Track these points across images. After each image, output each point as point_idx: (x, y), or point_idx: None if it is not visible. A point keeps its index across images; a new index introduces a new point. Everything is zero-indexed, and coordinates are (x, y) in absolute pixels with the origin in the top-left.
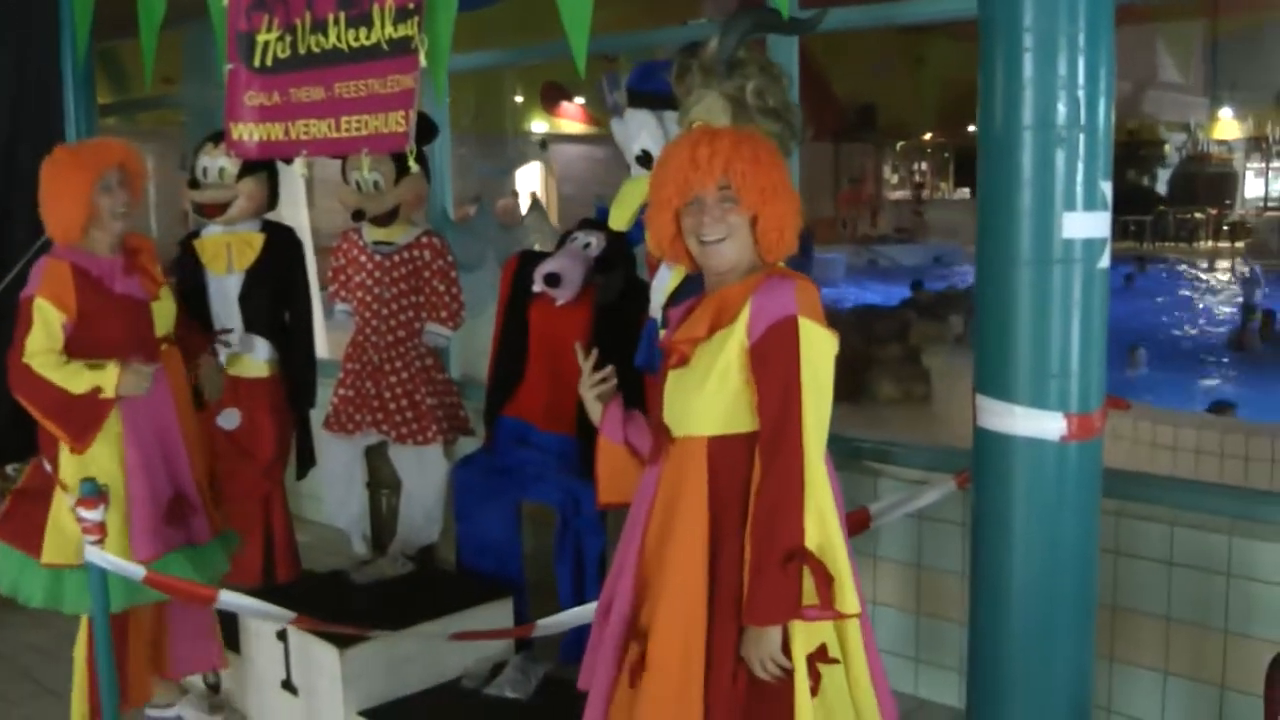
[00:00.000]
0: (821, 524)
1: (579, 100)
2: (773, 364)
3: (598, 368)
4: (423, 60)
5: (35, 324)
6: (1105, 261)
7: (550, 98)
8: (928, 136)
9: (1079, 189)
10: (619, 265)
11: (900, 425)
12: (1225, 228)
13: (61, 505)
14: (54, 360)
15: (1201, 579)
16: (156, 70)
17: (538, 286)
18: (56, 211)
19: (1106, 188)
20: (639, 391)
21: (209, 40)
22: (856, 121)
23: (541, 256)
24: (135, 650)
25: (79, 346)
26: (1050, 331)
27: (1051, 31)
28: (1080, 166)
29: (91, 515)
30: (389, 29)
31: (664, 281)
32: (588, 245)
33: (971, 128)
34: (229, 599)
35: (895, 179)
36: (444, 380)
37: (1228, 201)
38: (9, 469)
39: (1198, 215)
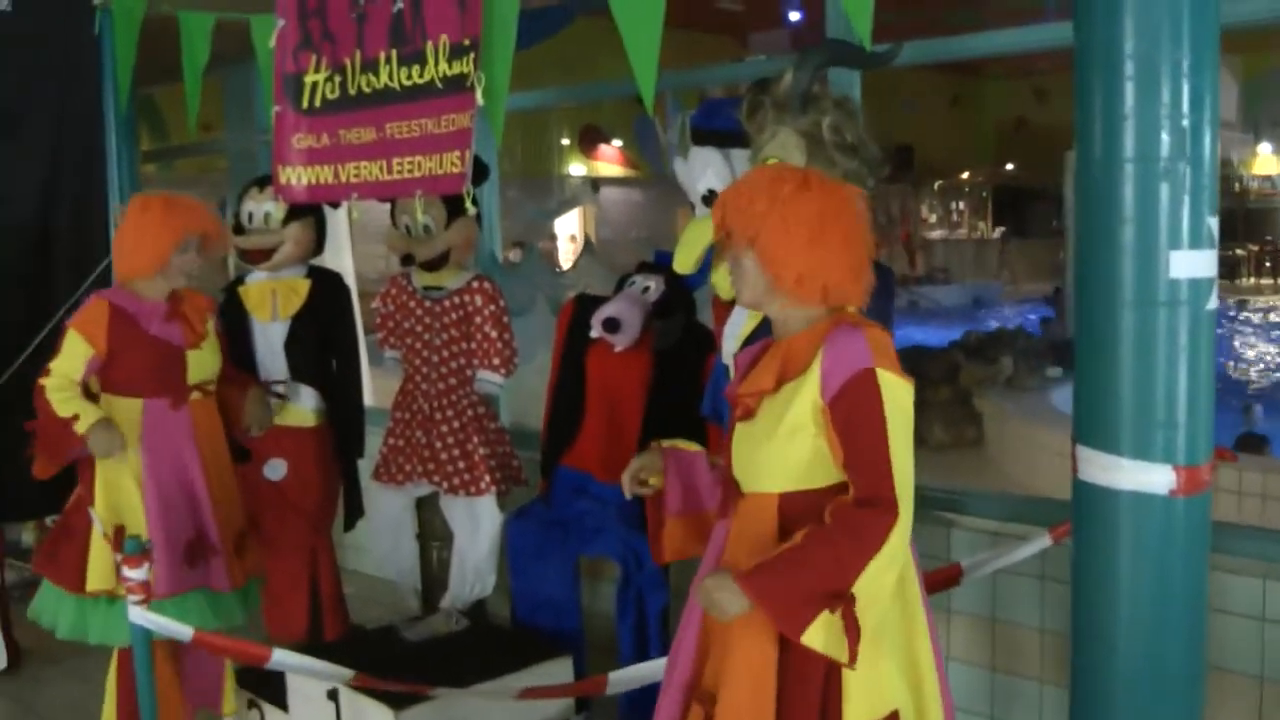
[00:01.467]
0: (878, 580)
1: (617, 143)
2: (857, 422)
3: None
4: (479, 98)
5: (62, 351)
6: (1213, 303)
7: (588, 140)
8: (965, 176)
9: (1185, 225)
10: (679, 310)
11: (952, 470)
12: (1267, 264)
13: (97, 537)
14: (60, 384)
15: None
16: (200, 116)
17: (596, 332)
18: (132, 256)
19: (1213, 223)
20: (702, 443)
21: (249, 85)
22: (895, 162)
23: (598, 301)
24: (161, 677)
25: (109, 380)
26: (1156, 378)
27: (1154, 58)
28: (1186, 201)
29: (136, 574)
30: (443, 66)
31: (738, 327)
32: (646, 289)
33: (1009, 165)
34: (282, 658)
35: (934, 219)
36: (497, 429)
37: (1269, 237)
38: (47, 521)
39: (1239, 252)
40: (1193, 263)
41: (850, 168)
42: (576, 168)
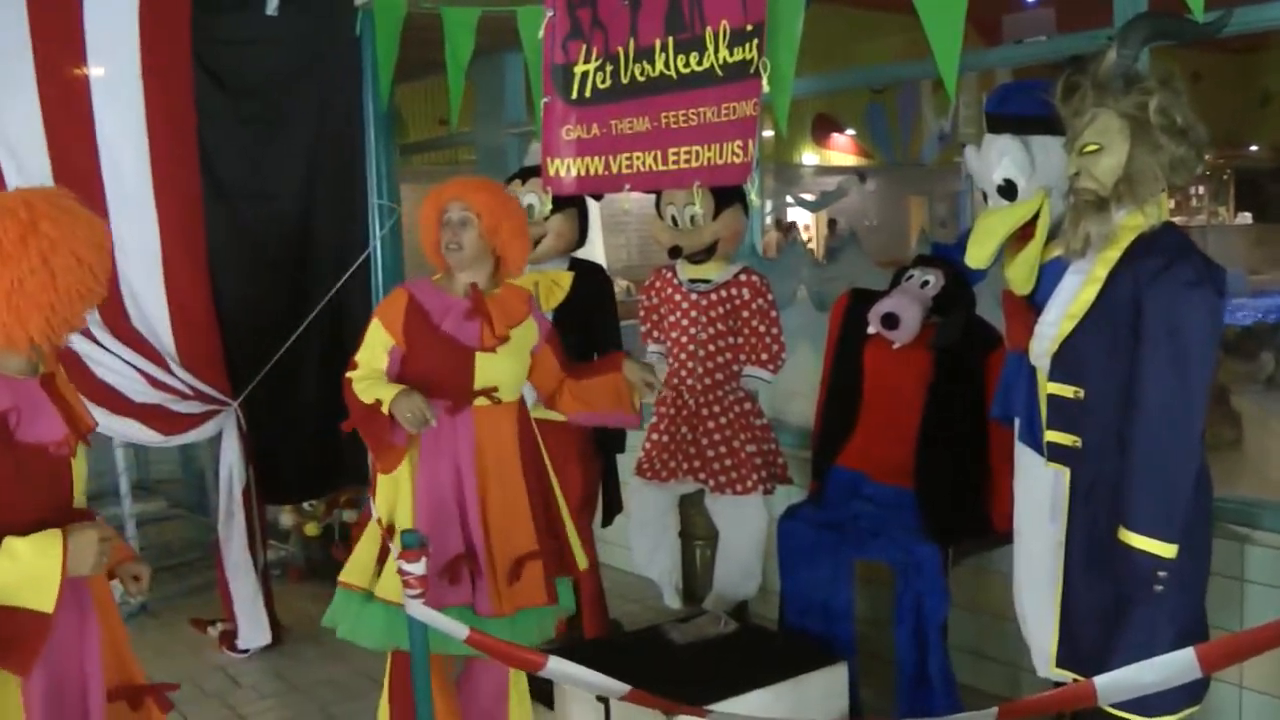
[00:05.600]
0: None
1: (850, 132)
2: None
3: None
4: (765, 85)
5: (365, 341)
6: None
7: (821, 129)
8: (1206, 157)
9: None
10: (960, 305)
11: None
12: None
13: (369, 533)
14: (365, 374)
15: None
16: (435, 112)
17: (873, 328)
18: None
19: None
20: (986, 447)
21: (499, 79)
22: None
23: (874, 295)
24: (438, 691)
25: (400, 376)
26: None
27: None
28: None
29: (413, 568)
30: (724, 53)
31: (1052, 327)
32: (925, 283)
33: (1254, 147)
34: (556, 666)
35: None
36: (762, 426)
37: None
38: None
39: None
40: None
41: (1177, 154)
42: (809, 156)
